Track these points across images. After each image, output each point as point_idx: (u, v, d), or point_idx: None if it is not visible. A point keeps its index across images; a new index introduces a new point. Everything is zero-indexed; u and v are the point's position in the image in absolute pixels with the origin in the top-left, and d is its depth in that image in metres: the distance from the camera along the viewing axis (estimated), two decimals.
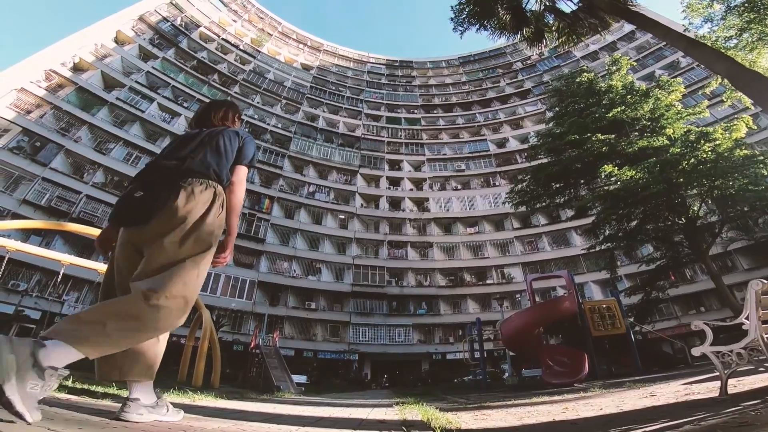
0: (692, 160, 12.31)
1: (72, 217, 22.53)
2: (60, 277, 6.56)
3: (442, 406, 3.97)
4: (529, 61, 49.88)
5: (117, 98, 29.75)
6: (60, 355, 1.17)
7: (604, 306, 8.38)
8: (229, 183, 1.76)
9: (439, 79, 54.08)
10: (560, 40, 12.01)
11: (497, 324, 13.54)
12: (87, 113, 27.50)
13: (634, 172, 12.65)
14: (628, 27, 42.79)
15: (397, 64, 56.80)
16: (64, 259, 6.26)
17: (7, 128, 23.66)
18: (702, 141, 12.31)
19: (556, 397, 3.81)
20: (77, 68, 29.84)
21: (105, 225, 1.76)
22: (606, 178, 13.84)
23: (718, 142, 12.66)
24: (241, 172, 1.83)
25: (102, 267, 6.78)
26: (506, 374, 19.24)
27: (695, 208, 14.24)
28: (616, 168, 13.06)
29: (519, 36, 12.21)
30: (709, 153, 12.41)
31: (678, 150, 12.54)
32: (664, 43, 38.95)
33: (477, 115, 46.35)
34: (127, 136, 28.72)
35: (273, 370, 12.42)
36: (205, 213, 1.56)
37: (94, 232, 7.50)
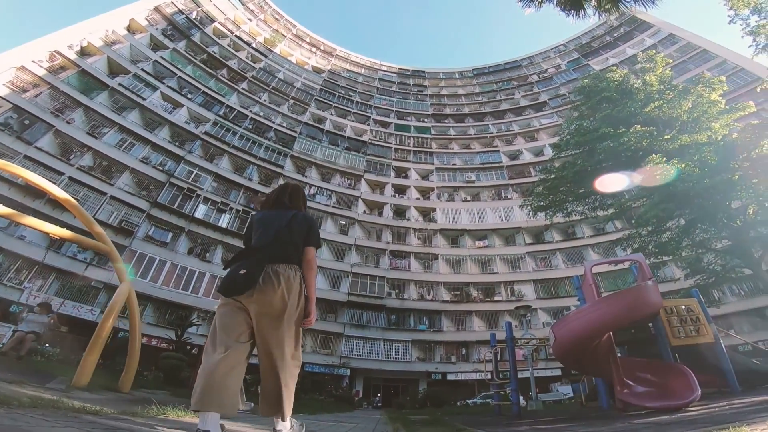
0: (755, 150, 10.42)
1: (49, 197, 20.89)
2: None
3: None
4: (545, 74, 48.69)
5: (119, 84, 28.62)
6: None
7: (683, 307, 6.16)
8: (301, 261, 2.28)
9: (451, 90, 52.96)
10: (602, 7, 10.44)
11: (526, 332, 11.35)
12: (85, 96, 26.30)
13: (684, 164, 10.79)
14: (650, 41, 41.58)
15: (408, 73, 55.94)
16: None
17: None
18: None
19: None
20: (84, 52, 28.88)
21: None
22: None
23: None
24: (312, 254, 2.30)
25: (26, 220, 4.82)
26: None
27: (750, 212, 12.25)
28: (664, 159, 11.16)
29: (554, 1, 10.71)
30: None
31: (738, 138, 10.67)
32: (688, 56, 37.74)
33: (490, 126, 44.80)
34: (124, 122, 27.36)
35: None
36: (298, 290, 2.15)
37: (23, 173, 5.69)
